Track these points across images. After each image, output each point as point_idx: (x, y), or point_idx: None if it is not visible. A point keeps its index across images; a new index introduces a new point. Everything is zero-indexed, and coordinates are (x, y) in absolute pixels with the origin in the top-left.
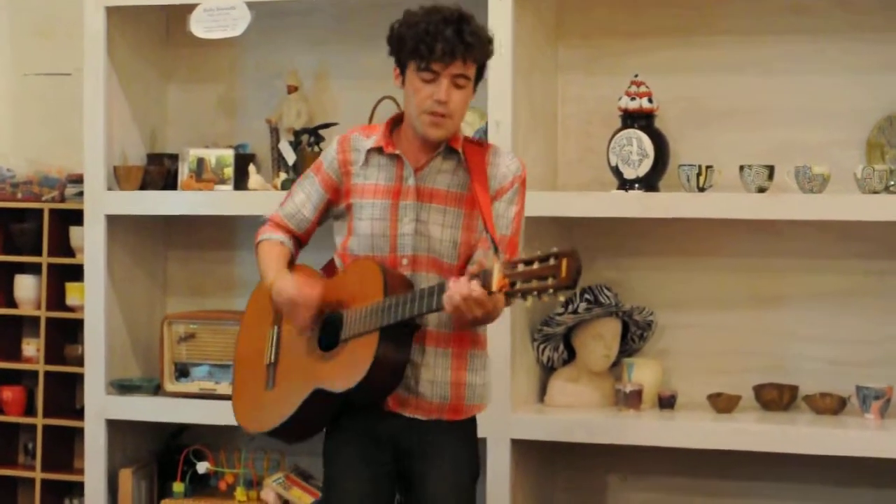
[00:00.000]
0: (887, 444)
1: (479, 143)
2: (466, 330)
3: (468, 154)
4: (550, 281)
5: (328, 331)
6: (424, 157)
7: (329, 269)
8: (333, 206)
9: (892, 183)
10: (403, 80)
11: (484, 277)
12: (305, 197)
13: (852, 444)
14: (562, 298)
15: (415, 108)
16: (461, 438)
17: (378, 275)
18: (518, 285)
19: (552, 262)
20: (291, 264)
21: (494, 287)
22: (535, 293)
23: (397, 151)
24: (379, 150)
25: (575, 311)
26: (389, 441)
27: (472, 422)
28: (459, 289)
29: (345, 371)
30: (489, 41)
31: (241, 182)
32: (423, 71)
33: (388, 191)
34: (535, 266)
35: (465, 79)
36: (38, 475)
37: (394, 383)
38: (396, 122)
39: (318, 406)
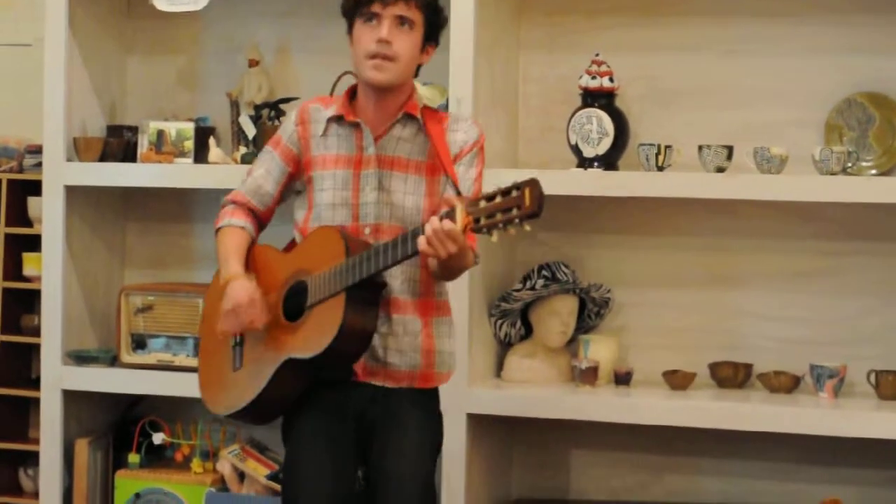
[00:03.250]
0: (840, 422)
1: (438, 112)
2: (433, 290)
3: (427, 121)
4: (515, 212)
5: (292, 300)
6: (383, 125)
7: (290, 248)
8: (295, 180)
9: (850, 165)
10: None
11: (448, 217)
12: (266, 172)
13: (805, 422)
14: (528, 228)
15: (360, 57)
16: (424, 409)
17: (339, 238)
18: (483, 221)
19: (514, 193)
20: (253, 244)
21: (459, 225)
22: (501, 225)
23: (358, 120)
24: (339, 119)
25: (532, 288)
26: (354, 413)
27: (435, 392)
28: (431, 224)
29: (313, 336)
30: None
31: (201, 155)
32: (366, 15)
33: (349, 160)
34: (498, 200)
35: (410, 22)
36: None
37: (363, 345)
38: (355, 93)
39: (290, 378)
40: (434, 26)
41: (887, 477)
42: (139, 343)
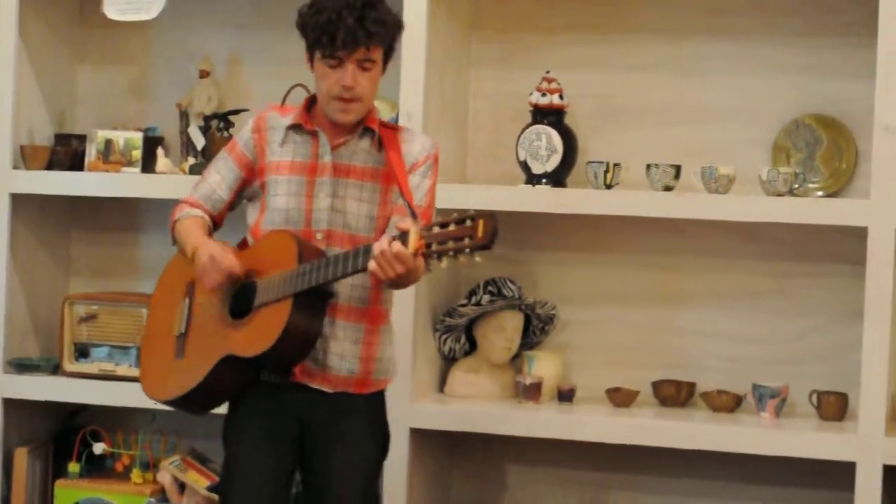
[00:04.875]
0: (781, 442)
1: (393, 126)
2: (380, 298)
3: (382, 133)
4: (467, 241)
5: (240, 300)
6: (341, 136)
7: (242, 248)
8: (247, 186)
9: (797, 186)
10: (313, 65)
11: (401, 240)
12: (220, 178)
13: (747, 441)
14: (478, 259)
15: (325, 94)
16: (367, 414)
17: (292, 243)
18: (434, 247)
19: (468, 223)
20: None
21: (411, 249)
22: (452, 253)
23: (316, 128)
24: (297, 127)
25: (478, 303)
26: (295, 414)
27: (379, 396)
28: (380, 245)
29: (256, 336)
30: (396, 24)
31: (148, 165)
32: (329, 58)
33: (304, 167)
34: (452, 228)
35: (371, 62)
36: None
37: (304, 351)
38: (313, 102)
39: (228, 373)
40: (392, 49)
41: (828, 498)
42: (82, 352)
